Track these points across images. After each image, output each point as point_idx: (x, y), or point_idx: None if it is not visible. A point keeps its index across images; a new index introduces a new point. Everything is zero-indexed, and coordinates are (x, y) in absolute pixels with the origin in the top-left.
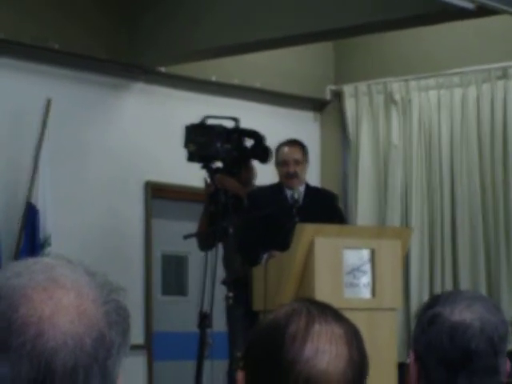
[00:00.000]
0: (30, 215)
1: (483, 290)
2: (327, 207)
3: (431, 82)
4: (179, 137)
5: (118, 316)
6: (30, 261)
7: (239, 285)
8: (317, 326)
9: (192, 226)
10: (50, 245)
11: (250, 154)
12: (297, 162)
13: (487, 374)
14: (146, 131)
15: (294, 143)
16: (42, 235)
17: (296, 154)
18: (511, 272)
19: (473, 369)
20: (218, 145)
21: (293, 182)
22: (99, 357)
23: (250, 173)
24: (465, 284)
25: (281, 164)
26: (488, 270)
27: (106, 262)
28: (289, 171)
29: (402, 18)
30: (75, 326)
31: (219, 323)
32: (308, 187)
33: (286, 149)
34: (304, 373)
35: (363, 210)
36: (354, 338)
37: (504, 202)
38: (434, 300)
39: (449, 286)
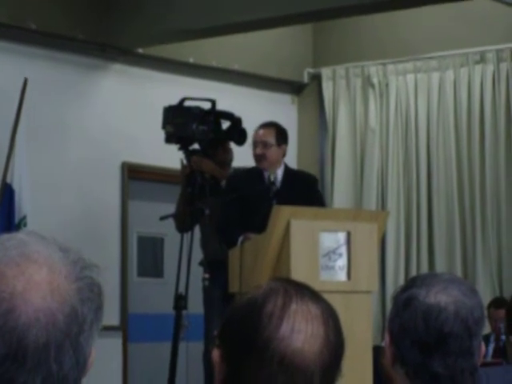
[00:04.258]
0: (6, 195)
1: (459, 273)
2: (306, 190)
3: (409, 65)
4: (156, 118)
5: (91, 292)
6: (4, 237)
7: (216, 267)
8: (293, 306)
9: (168, 208)
10: (25, 225)
11: (225, 135)
12: (265, 144)
13: (461, 357)
14: (122, 112)
15: (268, 125)
16: (17, 216)
17: (267, 136)
18: (487, 256)
19: (447, 351)
20: (194, 126)
21: (261, 163)
22: (71, 333)
23: (227, 154)
24: (440, 267)
25: (252, 145)
26: (464, 254)
27: (82, 243)
28: (256, 153)
29: (381, 0)
30: (47, 301)
31: (195, 305)
32: (287, 170)
33: (257, 131)
34: (279, 351)
35: (340, 192)
36: (330, 319)
37: (480, 186)
38: (411, 282)
39: (424, 269)
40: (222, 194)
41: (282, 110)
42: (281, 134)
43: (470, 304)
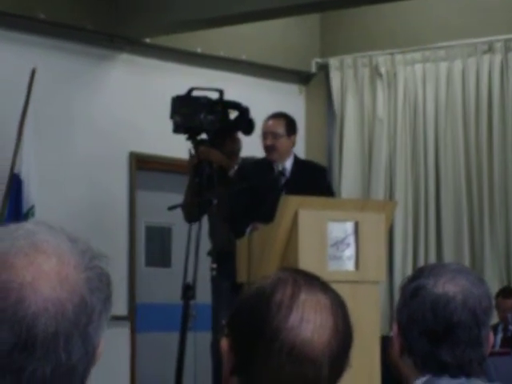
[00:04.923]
0: (14, 186)
1: (467, 264)
2: (316, 180)
3: (417, 55)
4: (164, 108)
5: (100, 282)
6: (12, 227)
7: (225, 257)
8: (303, 295)
9: (176, 198)
10: (33, 215)
11: (233, 125)
12: (275, 136)
13: (470, 346)
14: (130, 102)
15: (278, 116)
16: (25, 205)
17: (276, 127)
18: (495, 246)
19: (455, 341)
20: (202, 116)
21: (271, 154)
22: (80, 323)
23: (235, 144)
24: (448, 257)
25: (262, 136)
26: (472, 244)
27: (90, 234)
28: (265, 144)
29: None
30: (56, 291)
31: (204, 295)
32: (296, 160)
33: (267, 122)
34: (288, 341)
35: (348, 182)
36: (339, 309)
37: (488, 176)
38: (419, 272)
39: (432, 259)
40: (229, 184)
41: (289, 100)
42: (290, 125)
43: (477, 293)
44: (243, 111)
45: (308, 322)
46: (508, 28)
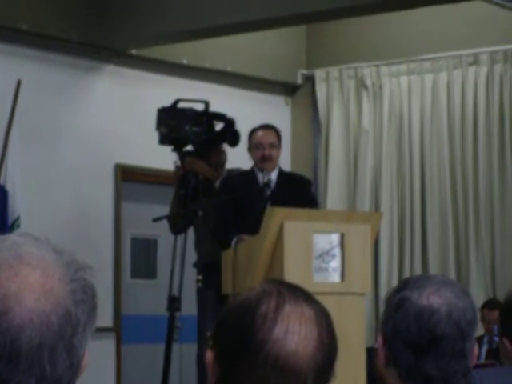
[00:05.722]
0: (0, 197)
1: (452, 276)
2: (300, 193)
3: (402, 67)
4: (149, 119)
5: (85, 294)
6: None
7: (210, 268)
8: (287, 307)
9: (162, 209)
10: (19, 226)
11: (218, 137)
12: (272, 146)
13: (454, 358)
14: (116, 113)
15: (269, 127)
16: (11, 217)
17: (272, 137)
18: (480, 258)
19: (440, 353)
20: (188, 128)
21: (267, 165)
22: (65, 334)
23: (220, 156)
24: (434, 269)
25: (255, 147)
26: (457, 256)
27: (76, 245)
28: (264, 154)
29: (375, 2)
30: (41, 303)
31: (189, 307)
32: (281, 172)
33: (261, 132)
34: (273, 353)
35: (333, 194)
36: (324, 320)
37: (473, 188)
38: (404, 284)
39: (418, 271)
40: (215, 196)
41: (275, 111)
42: (280, 136)
43: (462, 306)
44: (229, 123)
45: (293, 334)
46: (493, 40)
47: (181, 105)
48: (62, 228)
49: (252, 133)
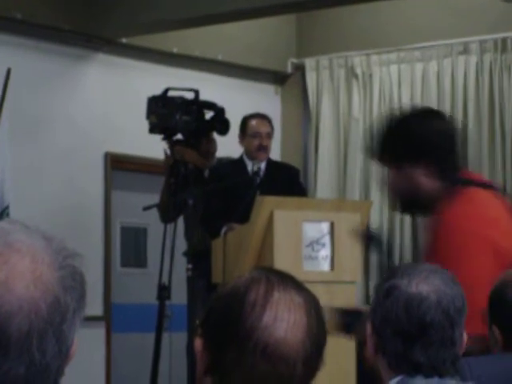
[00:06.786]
0: None
1: None
2: (289, 182)
3: (392, 56)
4: (140, 108)
5: (74, 281)
6: None
7: (200, 257)
8: (276, 294)
9: (152, 198)
10: (8, 215)
11: (208, 125)
12: (268, 136)
13: (443, 346)
14: (106, 102)
15: (265, 117)
16: (0, 206)
17: (268, 127)
18: None
19: (429, 341)
20: (177, 116)
21: (262, 154)
22: (54, 321)
23: (210, 144)
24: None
25: (253, 135)
26: None
27: (65, 233)
28: (262, 144)
29: None
30: (30, 290)
31: (179, 295)
32: (270, 161)
33: (258, 121)
34: (262, 340)
35: (323, 183)
36: (313, 308)
37: None
38: (392, 272)
39: (408, 260)
40: (205, 185)
41: (265, 100)
42: (273, 127)
43: (451, 293)
44: (218, 111)
45: (282, 321)
46: (483, 29)
47: (171, 93)
48: (52, 217)
49: (246, 121)
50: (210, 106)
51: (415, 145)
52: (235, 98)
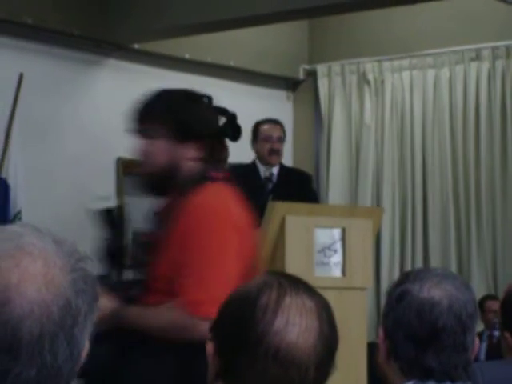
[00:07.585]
0: (1, 190)
1: (454, 270)
2: (301, 188)
3: (404, 62)
4: None
5: (86, 284)
6: None
7: None
8: (288, 299)
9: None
10: (20, 219)
11: (220, 131)
12: (280, 140)
13: (455, 351)
14: (118, 107)
15: (277, 122)
16: (12, 210)
17: (279, 132)
18: (481, 252)
19: (440, 346)
20: None
21: (275, 158)
22: (66, 325)
23: (223, 150)
24: (435, 263)
25: (265, 140)
26: (459, 250)
27: (77, 239)
28: (273, 147)
29: None
30: (42, 294)
31: None
32: (282, 167)
33: (269, 126)
34: (273, 344)
35: (335, 189)
36: (324, 312)
37: (475, 182)
38: (405, 277)
39: (419, 265)
40: None
41: (277, 106)
42: (285, 132)
43: (463, 299)
44: (230, 117)
45: (293, 326)
46: (495, 36)
47: None
48: (63, 221)
49: (258, 126)
50: (222, 111)
51: (192, 124)
52: (247, 104)
